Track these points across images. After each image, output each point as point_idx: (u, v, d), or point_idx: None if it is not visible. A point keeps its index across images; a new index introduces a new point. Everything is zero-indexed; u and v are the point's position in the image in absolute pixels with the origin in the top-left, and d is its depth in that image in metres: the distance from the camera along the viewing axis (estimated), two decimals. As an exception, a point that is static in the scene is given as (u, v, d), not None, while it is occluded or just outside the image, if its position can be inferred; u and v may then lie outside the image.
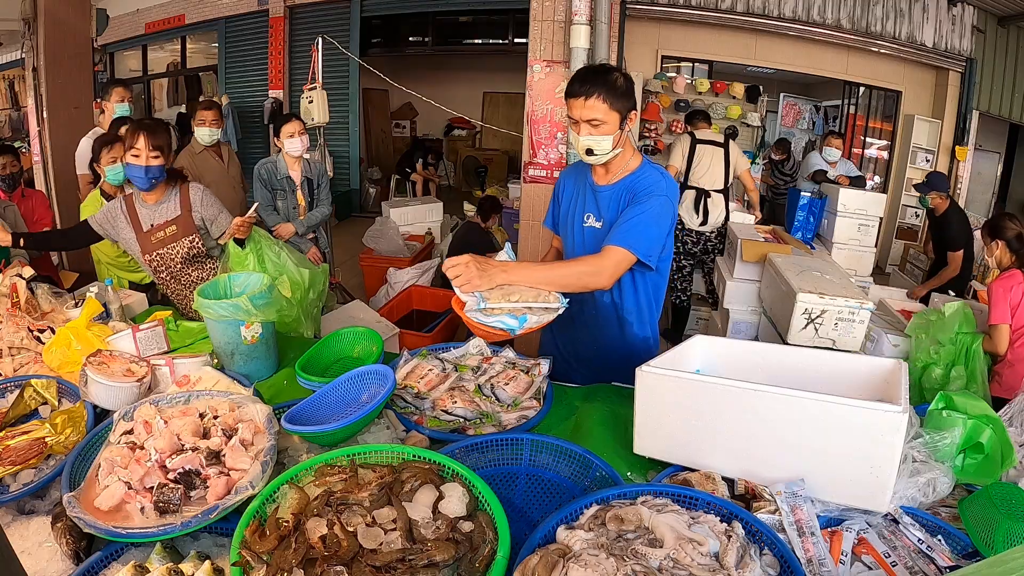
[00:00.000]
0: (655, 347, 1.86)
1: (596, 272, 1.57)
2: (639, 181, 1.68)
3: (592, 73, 1.61)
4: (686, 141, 4.24)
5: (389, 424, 1.38)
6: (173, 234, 2.20)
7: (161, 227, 2.19)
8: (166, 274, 2.26)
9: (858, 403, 1.03)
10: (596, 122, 1.59)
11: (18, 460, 1.19)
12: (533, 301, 1.43)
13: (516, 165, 6.98)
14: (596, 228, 1.74)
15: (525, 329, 1.40)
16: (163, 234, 2.19)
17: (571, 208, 1.83)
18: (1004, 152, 6.98)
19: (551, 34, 3.32)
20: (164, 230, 2.19)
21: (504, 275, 1.48)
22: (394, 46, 7.96)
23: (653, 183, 1.66)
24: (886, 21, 5.52)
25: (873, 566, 1.00)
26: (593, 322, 1.81)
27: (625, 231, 1.59)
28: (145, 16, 7.25)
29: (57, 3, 4.51)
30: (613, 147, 1.63)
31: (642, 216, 1.60)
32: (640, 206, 1.61)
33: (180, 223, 2.20)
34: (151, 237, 2.18)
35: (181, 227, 2.21)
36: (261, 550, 0.92)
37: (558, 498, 1.20)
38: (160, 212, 2.20)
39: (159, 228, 2.19)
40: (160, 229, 2.19)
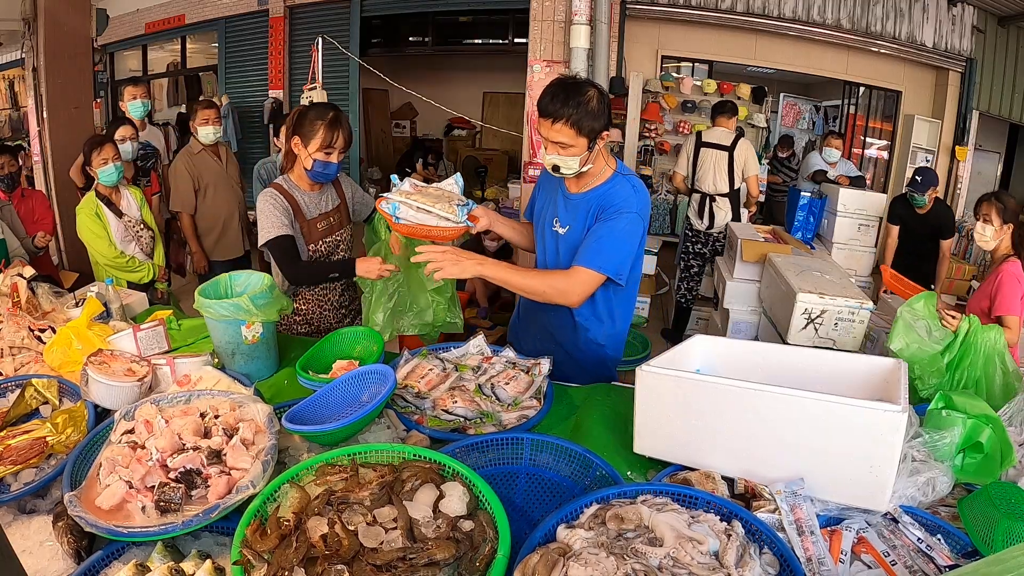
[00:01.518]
0: (612, 356, 1.86)
1: (565, 292, 1.63)
2: (610, 195, 1.67)
3: (564, 92, 1.55)
4: (691, 144, 4.22)
5: (390, 424, 1.38)
6: (338, 222, 2.10)
7: (325, 216, 2.06)
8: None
9: (858, 403, 1.03)
10: (563, 145, 1.58)
11: (19, 459, 1.19)
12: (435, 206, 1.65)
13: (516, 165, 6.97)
14: (560, 233, 1.76)
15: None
16: (328, 223, 2.06)
17: (543, 209, 1.85)
18: (1004, 152, 6.98)
19: (551, 34, 3.32)
20: (329, 219, 2.07)
21: (479, 267, 1.54)
22: (394, 46, 7.94)
23: (623, 199, 1.65)
24: (886, 21, 5.52)
25: (873, 565, 1.00)
26: (552, 321, 1.84)
27: (594, 251, 1.61)
28: (145, 16, 7.23)
29: (57, 3, 4.51)
30: (581, 166, 1.63)
31: (611, 235, 1.62)
32: (609, 223, 1.63)
33: (341, 211, 2.11)
34: (316, 225, 2.03)
35: (342, 215, 2.12)
36: (262, 549, 0.92)
37: (558, 497, 1.20)
38: (322, 201, 2.07)
39: (324, 217, 2.05)
40: (325, 218, 2.06)
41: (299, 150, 1.94)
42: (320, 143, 1.89)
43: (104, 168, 2.72)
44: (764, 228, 3.92)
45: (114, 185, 2.82)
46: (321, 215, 2.05)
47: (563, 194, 1.77)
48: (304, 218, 2.00)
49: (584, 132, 1.56)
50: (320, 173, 1.95)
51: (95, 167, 2.71)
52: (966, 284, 4.12)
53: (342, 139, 1.92)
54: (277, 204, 1.93)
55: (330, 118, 1.89)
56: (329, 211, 2.07)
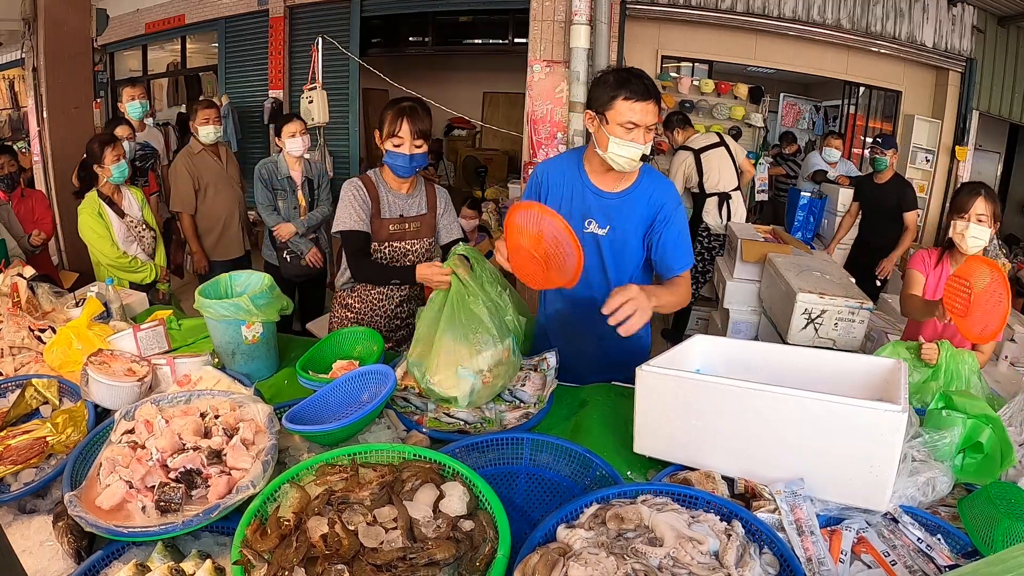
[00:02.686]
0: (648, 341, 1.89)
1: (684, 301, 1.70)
2: (658, 193, 1.68)
3: (644, 76, 1.54)
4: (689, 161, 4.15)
5: (390, 424, 1.38)
6: (414, 230, 2.01)
7: (404, 220, 1.99)
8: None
9: (858, 403, 1.03)
10: (652, 128, 1.55)
11: (19, 459, 1.19)
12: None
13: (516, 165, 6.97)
14: (600, 235, 1.70)
15: None
16: (403, 228, 1.99)
17: (562, 209, 1.70)
18: (1004, 152, 6.98)
19: (551, 34, 3.32)
20: (406, 224, 1.99)
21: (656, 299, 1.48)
22: (394, 46, 7.94)
23: (670, 193, 1.70)
24: (886, 21, 5.52)
25: (872, 565, 1.00)
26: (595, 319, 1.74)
27: (684, 251, 1.70)
28: (145, 16, 7.23)
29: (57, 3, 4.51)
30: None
31: (684, 231, 1.70)
32: (677, 221, 1.68)
33: (424, 222, 2.03)
34: (389, 226, 1.96)
35: (424, 226, 2.03)
36: (262, 549, 0.92)
37: (558, 497, 1.20)
38: (406, 204, 2.00)
39: (402, 221, 1.98)
40: (402, 222, 1.98)
41: (378, 141, 1.93)
42: (387, 132, 1.87)
43: (116, 165, 2.75)
44: (764, 228, 3.92)
45: (119, 184, 2.84)
46: (397, 218, 1.98)
47: (593, 191, 1.68)
48: (378, 214, 1.95)
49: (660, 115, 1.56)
50: (392, 164, 1.90)
51: (108, 164, 2.73)
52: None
53: (407, 128, 1.84)
54: (357, 197, 1.91)
55: (398, 108, 1.86)
56: (408, 217, 2.00)
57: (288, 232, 3.24)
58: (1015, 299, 3.96)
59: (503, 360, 1.47)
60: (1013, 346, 2.84)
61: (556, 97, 3.36)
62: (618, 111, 1.53)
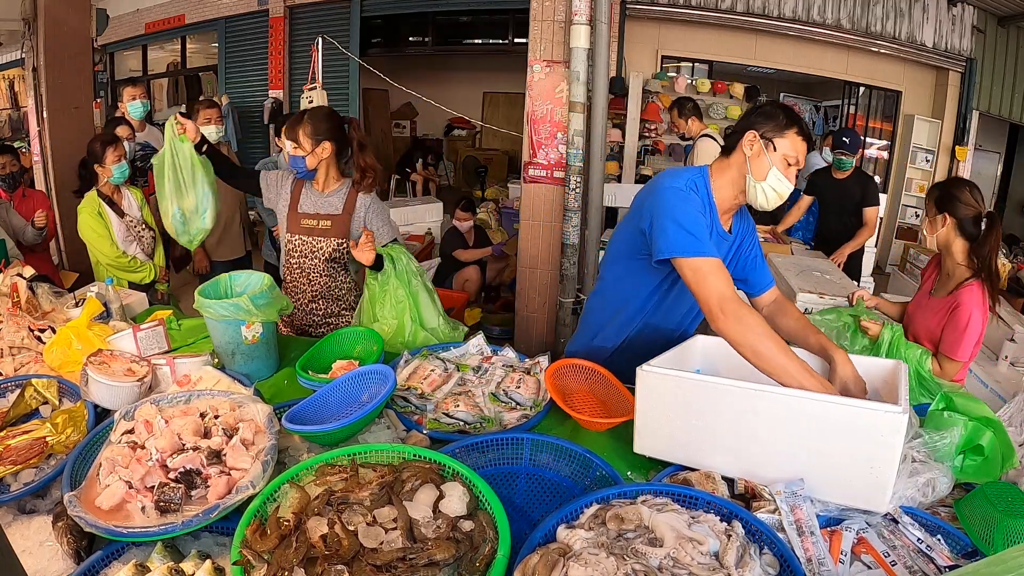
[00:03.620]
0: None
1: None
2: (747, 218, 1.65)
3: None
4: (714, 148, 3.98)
5: (390, 424, 1.38)
6: (324, 229, 2.12)
7: (316, 216, 2.12)
8: (296, 261, 2.16)
9: (858, 403, 1.03)
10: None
11: (19, 459, 1.19)
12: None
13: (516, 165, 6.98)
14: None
15: None
16: (314, 223, 2.12)
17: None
18: (1004, 152, 6.99)
19: (551, 34, 3.31)
20: (317, 220, 2.12)
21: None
22: (394, 46, 7.95)
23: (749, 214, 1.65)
24: (886, 21, 5.52)
25: (873, 566, 1.00)
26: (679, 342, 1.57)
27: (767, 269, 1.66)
28: (145, 16, 7.24)
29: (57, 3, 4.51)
30: None
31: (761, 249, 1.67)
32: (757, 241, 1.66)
33: (335, 221, 2.12)
34: (301, 220, 2.13)
35: (335, 225, 2.12)
36: (262, 549, 0.92)
37: (558, 497, 1.20)
38: (322, 203, 2.14)
39: (313, 216, 2.12)
40: (314, 218, 2.12)
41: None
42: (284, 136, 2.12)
43: (118, 165, 2.75)
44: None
45: (119, 184, 2.84)
46: (310, 214, 2.13)
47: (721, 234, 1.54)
48: (296, 209, 2.14)
49: None
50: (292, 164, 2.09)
51: (109, 164, 2.73)
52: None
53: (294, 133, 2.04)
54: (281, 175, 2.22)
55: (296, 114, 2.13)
56: (319, 214, 2.12)
57: (288, 232, 3.24)
58: (1015, 299, 3.95)
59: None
60: (1013, 346, 2.84)
61: (556, 97, 3.35)
62: (790, 143, 1.45)
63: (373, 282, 1.98)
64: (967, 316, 1.89)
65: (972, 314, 1.89)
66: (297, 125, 2.05)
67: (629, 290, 1.62)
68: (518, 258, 3.72)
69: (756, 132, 1.44)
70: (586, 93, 3.19)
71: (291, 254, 2.17)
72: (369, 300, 1.99)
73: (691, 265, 1.35)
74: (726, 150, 1.51)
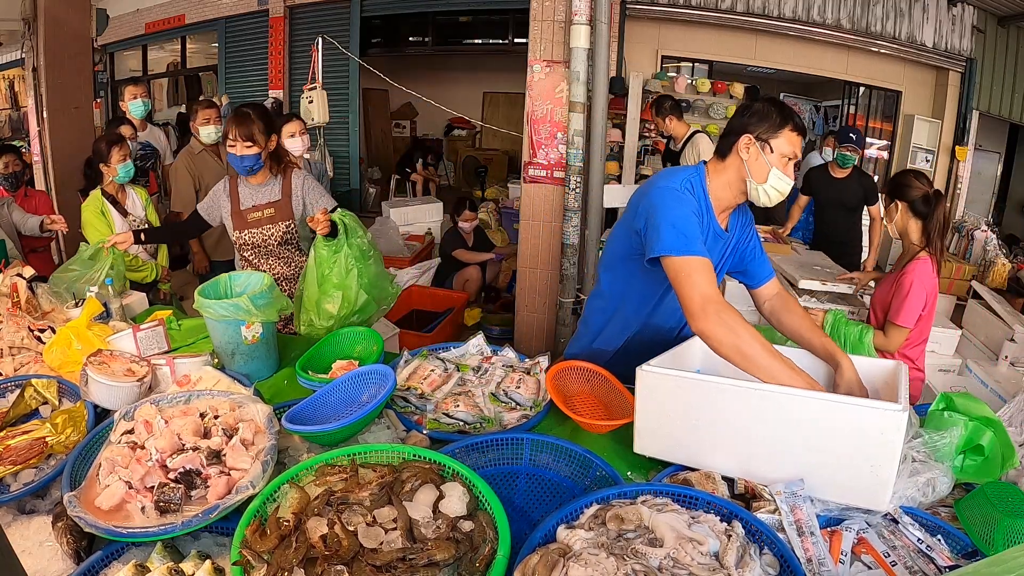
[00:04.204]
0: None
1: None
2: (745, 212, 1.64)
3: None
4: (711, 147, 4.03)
5: (389, 424, 1.38)
6: (270, 216, 2.26)
7: (259, 208, 2.25)
8: (250, 254, 2.30)
9: (858, 402, 1.03)
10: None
11: (19, 460, 1.19)
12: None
13: (516, 165, 6.97)
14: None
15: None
16: (259, 215, 2.25)
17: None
18: (1004, 152, 6.97)
19: (551, 34, 3.31)
20: (261, 211, 2.25)
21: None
22: (394, 46, 7.95)
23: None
24: (886, 21, 5.51)
25: (873, 566, 1.00)
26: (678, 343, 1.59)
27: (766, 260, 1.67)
28: (145, 16, 7.23)
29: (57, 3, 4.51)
30: None
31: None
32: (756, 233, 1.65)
33: (278, 207, 2.26)
34: (247, 216, 2.25)
35: (279, 211, 2.26)
36: (262, 549, 0.92)
37: (558, 498, 1.20)
38: (261, 194, 2.26)
39: (256, 209, 2.25)
40: (258, 210, 2.25)
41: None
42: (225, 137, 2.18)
43: (123, 164, 2.76)
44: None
45: (123, 183, 2.84)
46: (254, 207, 2.25)
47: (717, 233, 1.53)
48: (238, 207, 2.26)
49: None
50: (231, 163, 2.20)
51: (114, 163, 2.74)
52: (966, 284, 4.11)
53: (235, 131, 2.12)
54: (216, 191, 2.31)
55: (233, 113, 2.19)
56: (262, 204, 2.26)
57: (288, 232, 3.24)
58: (1015, 299, 3.95)
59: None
60: (1013, 346, 2.84)
61: (556, 97, 3.35)
62: (786, 140, 1.42)
63: (324, 247, 1.99)
64: (909, 283, 2.08)
65: (914, 282, 2.08)
66: (250, 123, 2.13)
67: (628, 291, 1.61)
68: (518, 258, 3.72)
69: (751, 135, 1.43)
70: (586, 93, 3.19)
71: (244, 249, 2.30)
72: (316, 262, 2.00)
73: (677, 264, 1.34)
74: (721, 152, 1.50)
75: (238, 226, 2.26)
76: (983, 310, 3.26)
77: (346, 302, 1.97)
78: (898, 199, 2.17)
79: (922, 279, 2.08)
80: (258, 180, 2.26)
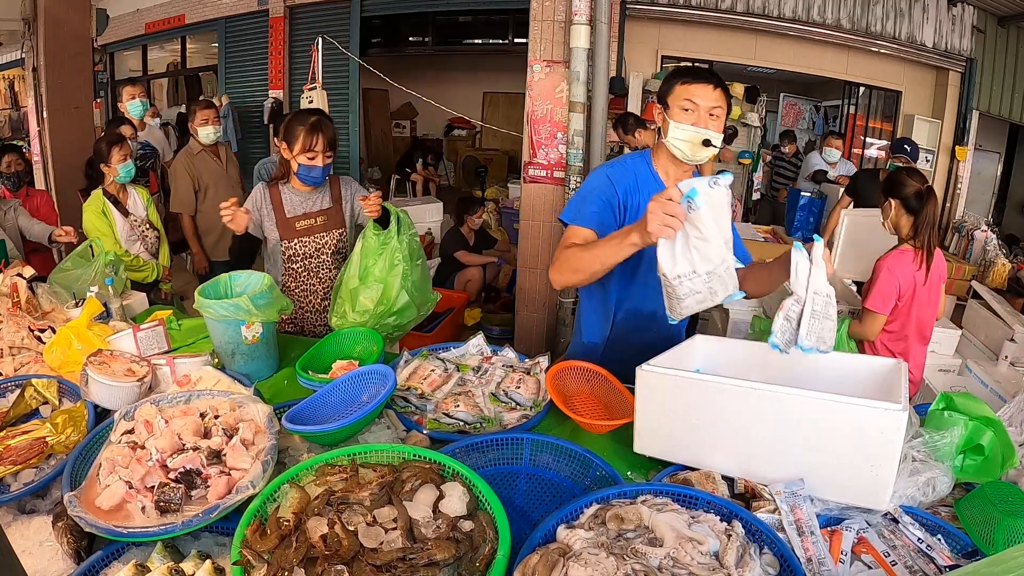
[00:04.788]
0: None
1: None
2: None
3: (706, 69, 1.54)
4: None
5: (390, 424, 1.38)
6: (322, 224, 2.13)
7: (310, 215, 2.12)
8: (301, 264, 2.14)
9: (858, 401, 1.03)
10: (718, 112, 1.49)
11: (19, 460, 1.19)
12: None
13: (516, 165, 6.97)
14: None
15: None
16: (310, 223, 2.12)
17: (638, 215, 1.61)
18: (1004, 152, 6.97)
19: (551, 34, 3.32)
20: (313, 219, 2.12)
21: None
22: (394, 46, 7.95)
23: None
24: (886, 21, 5.52)
25: (873, 565, 1.00)
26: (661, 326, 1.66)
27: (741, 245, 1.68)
28: (145, 16, 7.23)
29: (57, 3, 4.52)
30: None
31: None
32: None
33: (329, 215, 2.15)
34: (295, 224, 2.10)
35: (330, 219, 2.14)
36: (262, 549, 0.92)
37: (558, 497, 1.20)
38: (311, 201, 2.13)
39: (307, 216, 2.11)
40: (308, 218, 2.11)
41: (287, 154, 2.04)
42: (301, 147, 1.99)
43: (123, 164, 2.76)
44: (764, 228, 3.92)
45: (125, 183, 2.85)
46: (304, 214, 2.11)
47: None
48: (284, 215, 2.09)
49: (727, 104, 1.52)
50: (306, 176, 2.03)
51: (115, 163, 2.74)
52: (966, 284, 4.11)
53: (322, 142, 1.99)
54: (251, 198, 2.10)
55: (310, 123, 1.99)
56: (313, 211, 2.12)
57: (288, 232, 3.24)
58: (1015, 299, 3.95)
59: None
60: (1013, 346, 2.84)
61: (556, 97, 3.35)
62: (677, 93, 1.50)
63: (373, 236, 1.91)
64: (880, 268, 2.18)
65: (885, 268, 2.16)
66: (321, 133, 1.99)
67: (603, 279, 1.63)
68: (518, 258, 3.72)
69: (655, 104, 1.57)
70: (586, 93, 3.20)
71: (293, 260, 2.14)
72: (362, 252, 1.92)
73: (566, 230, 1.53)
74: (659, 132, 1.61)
75: (285, 236, 2.10)
76: (983, 310, 3.26)
77: (385, 299, 1.87)
78: (891, 197, 2.22)
79: (894, 266, 2.15)
80: (307, 187, 2.12)
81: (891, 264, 2.16)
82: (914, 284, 2.16)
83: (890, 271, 2.15)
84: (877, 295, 2.16)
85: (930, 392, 2.67)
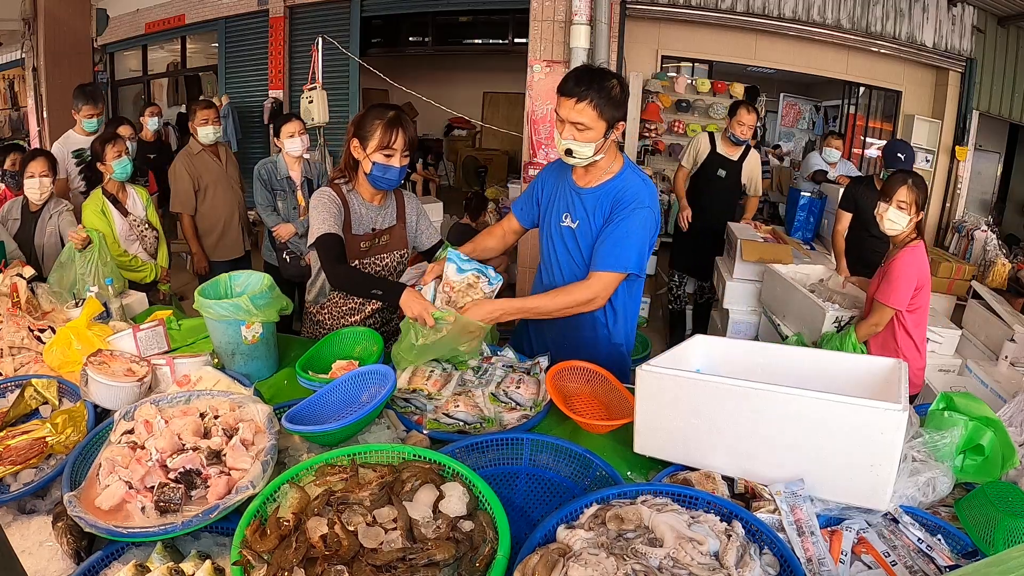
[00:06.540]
0: (628, 355, 1.87)
1: (591, 300, 1.65)
2: (622, 190, 1.68)
3: (588, 75, 1.57)
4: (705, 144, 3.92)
5: (389, 424, 1.38)
6: (384, 245, 1.91)
7: (378, 234, 1.89)
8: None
9: (858, 401, 1.03)
10: (581, 127, 1.57)
11: (19, 460, 1.19)
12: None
13: (516, 165, 6.97)
14: (572, 228, 1.77)
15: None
16: (375, 243, 1.89)
17: (549, 205, 1.84)
18: (1004, 152, 6.97)
19: (551, 34, 3.32)
20: (377, 238, 1.89)
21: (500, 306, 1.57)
22: (394, 46, 7.95)
23: (635, 193, 1.66)
24: (886, 21, 5.52)
25: (873, 565, 1.00)
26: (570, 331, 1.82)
27: (609, 251, 1.64)
28: (145, 16, 7.23)
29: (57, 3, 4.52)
30: (594, 153, 1.62)
31: (627, 232, 1.64)
32: (624, 222, 1.64)
33: (393, 233, 1.93)
34: (360, 243, 1.85)
35: (393, 238, 1.93)
36: (262, 549, 0.92)
37: (558, 498, 1.20)
38: (380, 217, 1.90)
39: (376, 235, 1.88)
40: (376, 236, 1.88)
41: (358, 153, 1.80)
42: (378, 144, 1.74)
43: (118, 161, 2.74)
44: (764, 228, 3.91)
45: (124, 181, 2.83)
46: (369, 233, 1.87)
47: (572, 188, 1.76)
48: (349, 230, 1.83)
49: (604, 116, 1.56)
50: (380, 177, 1.78)
51: (109, 160, 2.72)
52: (966, 284, 4.11)
53: (402, 140, 1.75)
54: (331, 200, 1.80)
55: (389, 117, 1.75)
56: (380, 230, 1.90)
57: (288, 232, 3.24)
58: (1015, 299, 3.94)
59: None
60: (1013, 346, 2.83)
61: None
62: (557, 104, 1.63)
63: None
64: (900, 264, 2.23)
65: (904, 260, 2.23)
66: (401, 129, 1.75)
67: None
68: (518, 258, 3.72)
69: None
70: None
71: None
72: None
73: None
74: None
75: (350, 254, 1.83)
76: (983, 310, 3.26)
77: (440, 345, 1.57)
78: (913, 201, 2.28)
79: (913, 262, 2.23)
80: (378, 200, 1.90)
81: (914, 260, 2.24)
82: (928, 278, 2.30)
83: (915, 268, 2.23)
84: (896, 293, 2.23)
85: (930, 392, 2.67)
